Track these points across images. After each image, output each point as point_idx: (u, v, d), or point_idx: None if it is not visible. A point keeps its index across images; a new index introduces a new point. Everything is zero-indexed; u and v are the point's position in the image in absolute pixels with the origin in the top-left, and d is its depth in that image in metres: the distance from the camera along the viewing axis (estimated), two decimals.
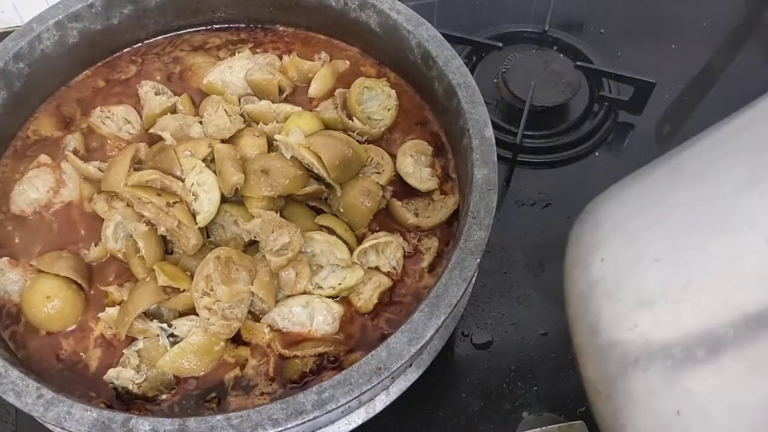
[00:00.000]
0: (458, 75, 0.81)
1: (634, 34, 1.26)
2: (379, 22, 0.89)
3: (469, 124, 0.77)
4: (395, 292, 0.77)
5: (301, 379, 0.71)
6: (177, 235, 0.73)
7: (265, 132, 0.82)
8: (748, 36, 1.29)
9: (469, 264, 0.68)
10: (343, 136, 0.80)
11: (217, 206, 0.74)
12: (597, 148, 1.11)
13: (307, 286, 0.74)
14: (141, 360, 0.71)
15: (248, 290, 0.71)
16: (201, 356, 0.70)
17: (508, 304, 0.95)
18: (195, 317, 0.72)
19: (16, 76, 0.85)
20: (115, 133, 0.87)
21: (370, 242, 0.76)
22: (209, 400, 0.70)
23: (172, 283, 0.70)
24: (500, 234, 0.91)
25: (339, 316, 0.74)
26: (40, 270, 0.75)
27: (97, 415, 0.60)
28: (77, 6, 0.88)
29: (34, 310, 0.73)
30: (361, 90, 0.87)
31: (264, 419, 0.60)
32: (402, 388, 0.79)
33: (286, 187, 0.75)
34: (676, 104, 1.17)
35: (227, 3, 0.96)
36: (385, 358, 0.63)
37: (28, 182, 0.82)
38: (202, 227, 0.74)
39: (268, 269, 0.72)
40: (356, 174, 0.80)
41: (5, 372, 0.63)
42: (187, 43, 0.98)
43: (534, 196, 1.05)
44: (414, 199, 0.83)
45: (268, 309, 0.73)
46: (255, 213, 0.74)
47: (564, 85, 1.11)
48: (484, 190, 0.73)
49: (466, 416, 0.86)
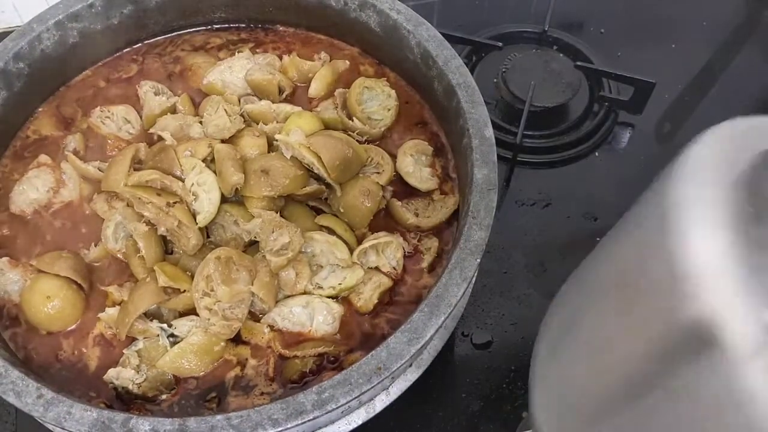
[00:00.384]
0: (458, 75, 0.81)
1: (634, 34, 1.26)
2: (379, 22, 0.90)
3: (469, 123, 0.77)
4: (395, 292, 0.77)
5: (301, 379, 0.71)
6: (177, 235, 0.73)
7: (265, 132, 0.82)
8: (748, 36, 1.29)
9: (469, 264, 0.68)
10: (343, 136, 0.80)
11: (217, 206, 0.74)
12: (597, 148, 1.11)
13: (307, 286, 0.74)
14: (141, 360, 0.71)
15: (248, 290, 0.71)
16: (201, 356, 0.70)
17: (508, 304, 0.95)
18: (195, 317, 0.72)
19: (16, 76, 0.85)
20: (115, 133, 0.87)
21: (370, 242, 0.76)
22: (209, 400, 0.70)
23: (172, 284, 0.70)
24: (500, 234, 0.91)
25: (339, 316, 0.74)
26: (40, 270, 0.75)
27: (97, 415, 0.60)
28: (77, 6, 0.88)
29: (34, 310, 0.73)
30: (361, 90, 0.87)
31: (264, 419, 0.60)
32: (402, 388, 0.79)
33: (286, 187, 0.75)
34: (676, 104, 1.17)
35: (227, 3, 0.96)
36: (385, 358, 0.63)
37: (27, 182, 0.82)
38: (202, 227, 0.74)
39: (268, 269, 0.72)
40: (356, 174, 0.80)
41: (5, 372, 0.63)
42: (187, 43, 0.98)
43: (534, 196, 1.05)
44: (414, 199, 0.83)
45: (268, 309, 0.73)
46: (255, 213, 0.74)
47: (564, 85, 1.11)
48: (484, 190, 0.73)
49: (466, 416, 0.86)
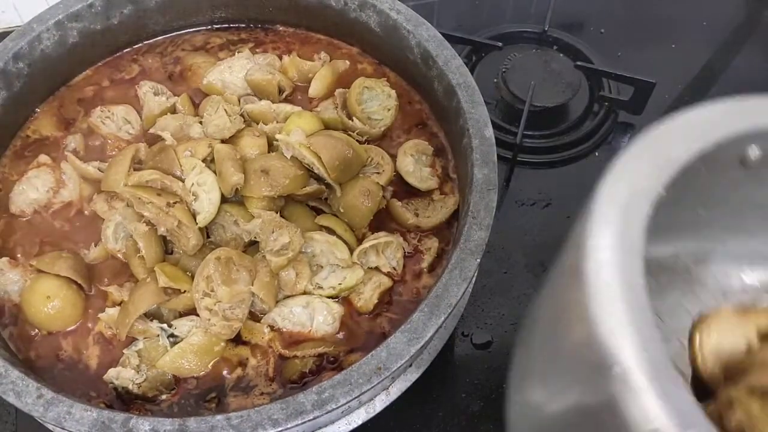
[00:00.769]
0: (458, 75, 0.81)
1: (635, 34, 1.26)
2: (379, 22, 0.89)
3: (469, 123, 0.77)
4: (395, 292, 0.77)
5: (301, 379, 0.71)
6: (177, 235, 0.73)
7: (265, 132, 0.81)
8: (748, 36, 1.29)
9: (469, 264, 0.68)
10: (343, 136, 0.80)
11: (217, 206, 0.74)
12: (597, 148, 1.11)
13: (307, 287, 0.74)
14: (141, 360, 0.71)
15: (249, 291, 0.71)
16: (201, 356, 0.70)
17: (508, 304, 0.95)
18: (195, 317, 0.72)
19: (16, 76, 0.85)
20: (115, 133, 0.87)
21: (370, 242, 0.76)
22: (209, 400, 0.70)
23: (172, 284, 0.70)
24: (500, 234, 0.91)
25: (339, 316, 0.74)
26: (40, 270, 0.74)
27: (97, 415, 0.60)
28: (77, 6, 0.88)
29: (34, 310, 0.73)
30: (361, 90, 0.87)
31: (264, 419, 0.60)
32: (402, 388, 0.79)
33: (286, 187, 0.75)
34: (676, 104, 1.17)
35: (227, 3, 0.96)
36: (385, 358, 0.63)
37: (27, 182, 0.82)
38: (202, 227, 0.74)
39: (268, 269, 0.72)
40: (356, 174, 0.80)
41: (5, 372, 0.63)
42: (188, 43, 0.98)
43: (534, 196, 1.05)
44: (414, 199, 0.83)
45: (269, 309, 0.73)
46: (255, 213, 0.74)
47: (564, 85, 1.11)
48: (484, 190, 0.72)
49: (466, 416, 0.86)
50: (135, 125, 0.88)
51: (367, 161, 0.82)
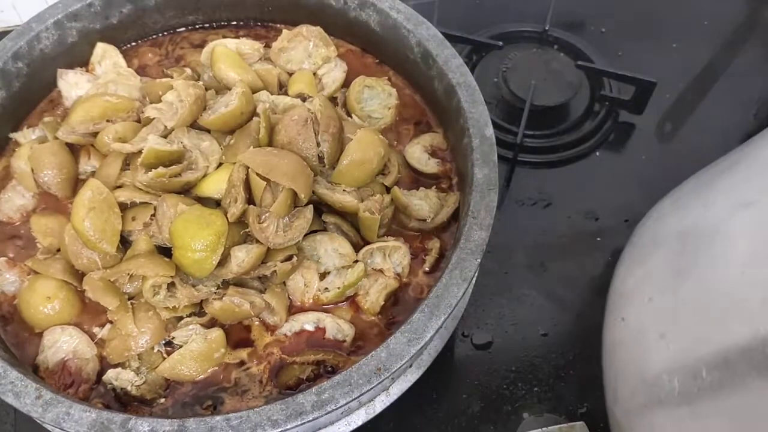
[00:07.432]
0: (458, 74, 0.81)
1: (635, 33, 1.26)
2: (379, 21, 0.89)
3: (470, 123, 0.77)
4: (400, 295, 0.76)
5: (297, 386, 0.70)
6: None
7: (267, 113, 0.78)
8: (748, 35, 1.29)
9: (470, 264, 0.68)
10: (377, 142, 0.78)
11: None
12: (598, 147, 1.11)
13: (316, 294, 0.74)
14: (141, 362, 0.71)
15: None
16: (201, 362, 0.70)
17: (508, 304, 0.94)
18: (194, 325, 0.71)
19: (15, 76, 0.85)
20: None
21: (379, 244, 0.75)
22: (206, 407, 0.69)
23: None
24: (500, 234, 0.91)
25: (351, 337, 0.73)
26: (36, 271, 0.74)
27: (96, 416, 0.60)
28: (76, 5, 0.87)
29: (33, 311, 0.72)
30: (360, 89, 0.87)
31: (263, 420, 0.59)
32: (402, 389, 0.79)
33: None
34: (677, 104, 1.17)
35: (227, 2, 0.96)
36: (385, 358, 0.62)
37: (12, 189, 0.81)
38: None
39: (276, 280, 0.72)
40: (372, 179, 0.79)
41: (4, 372, 0.62)
42: (186, 41, 0.97)
43: (534, 196, 1.05)
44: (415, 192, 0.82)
45: (280, 322, 0.73)
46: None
47: (565, 84, 1.11)
48: (485, 189, 0.72)
49: (466, 417, 0.86)
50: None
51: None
